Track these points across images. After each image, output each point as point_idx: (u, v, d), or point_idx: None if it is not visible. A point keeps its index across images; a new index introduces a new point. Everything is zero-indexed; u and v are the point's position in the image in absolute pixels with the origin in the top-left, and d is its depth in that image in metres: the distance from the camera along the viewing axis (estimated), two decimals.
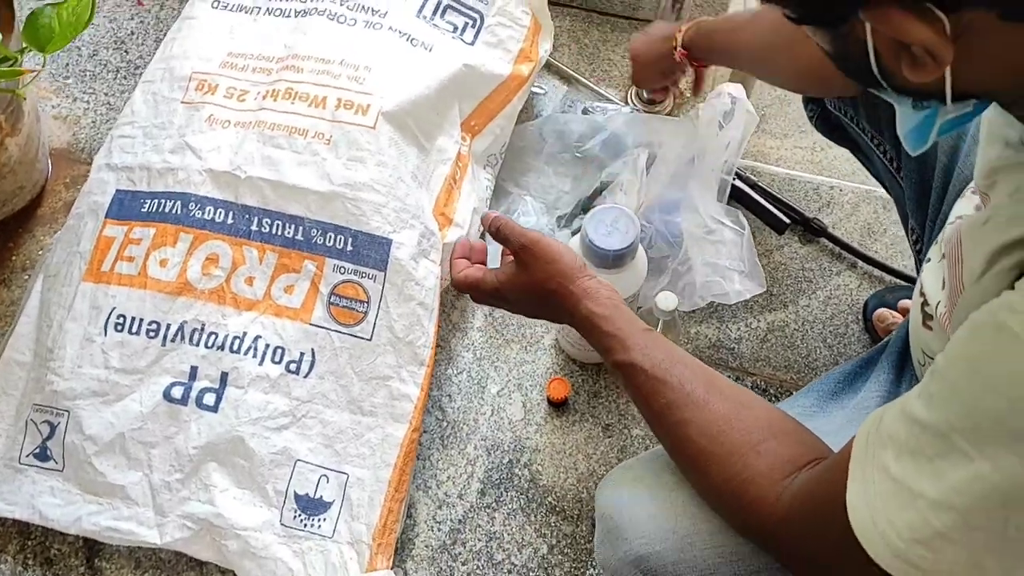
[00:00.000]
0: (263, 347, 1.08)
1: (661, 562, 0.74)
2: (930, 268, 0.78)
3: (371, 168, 1.12)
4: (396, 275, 1.10)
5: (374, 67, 1.19)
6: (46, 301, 1.15)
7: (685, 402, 0.73)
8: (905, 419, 0.57)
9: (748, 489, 0.68)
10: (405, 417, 1.09)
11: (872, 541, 0.57)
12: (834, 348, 1.34)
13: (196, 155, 1.15)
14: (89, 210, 1.17)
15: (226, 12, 1.30)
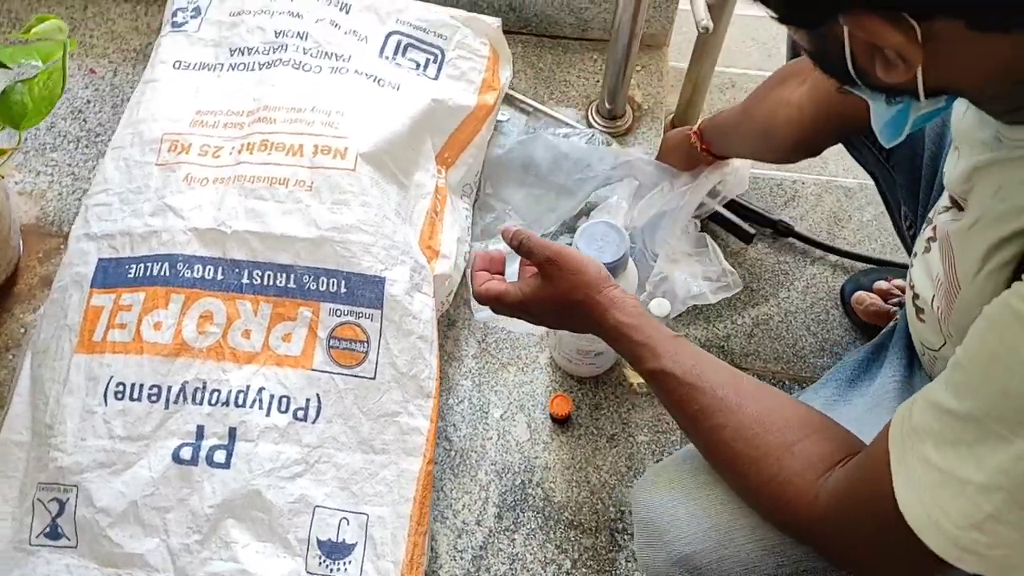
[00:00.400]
0: (268, 398, 1.08)
1: (705, 560, 0.76)
2: (917, 263, 0.81)
3: (356, 209, 1.13)
4: (393, 312, 1.11)
5: (346, 111, 1.20)
6: (38, 378, 1.13)
7: (719, 407, 0.76)
8: (936, 411, 0.59)
9: (786, 490, 0.71)
10: (418, 450, 1.10)
11: (929, 533, 0.59)
12: (818, 335, 1.38)
13: (178, 215, 1.15)
14: (72, 282, 1.16)
15: (189, 71, 1.30)
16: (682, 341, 0.82)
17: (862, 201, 1.53)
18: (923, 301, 0.80)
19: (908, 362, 0.91)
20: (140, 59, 1.61)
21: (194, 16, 1.36)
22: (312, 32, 1.30)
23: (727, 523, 0.77)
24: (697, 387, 0.77)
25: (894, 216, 1.13)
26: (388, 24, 1.35)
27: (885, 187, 1.12)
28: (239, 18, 1.33)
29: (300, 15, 1.32)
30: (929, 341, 0.82)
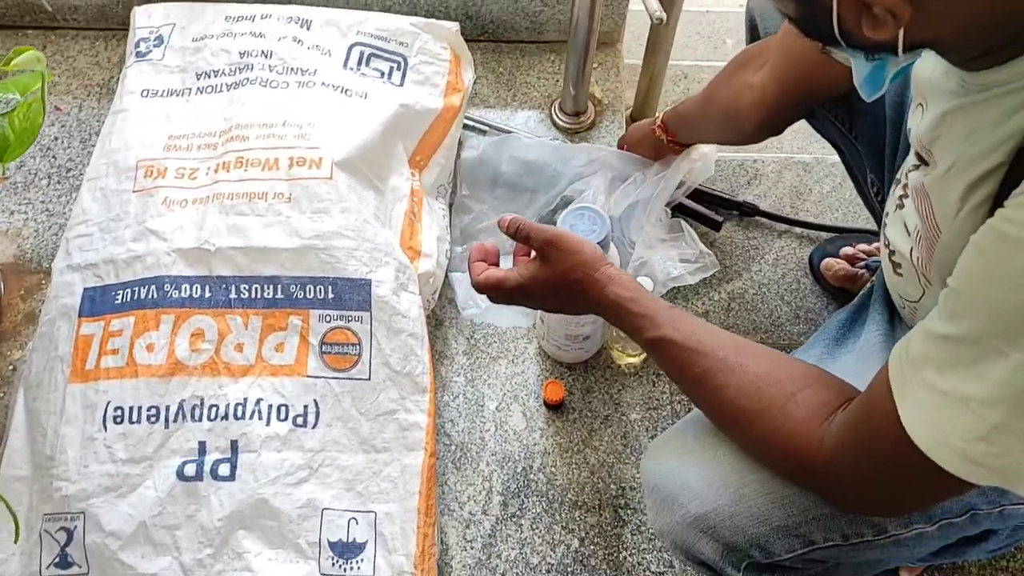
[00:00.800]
0: (266, 408, 1.10)
1: (719, 518, 0.79)
2: (891, 221, 0.84)
3: (336, 216, 1.16)
4: (381, 312, 1.13)
5: (317, 122, 1.23)
6: (33, 411, 1.14)
7: (720, 367, 0.78)
8: (934, 340, 0.62)
9: (792, 439, 0.73)
10: (419, 445, 1.12)
11: (939, 451, 0.61)
12: (792, 304, 1.43)
13: (160, 238, 1.16)
14: (60, 314, 1.17)
15: (157, 99, 1.32)
16: (679, 310, 0.85)
17: (820, 175, 1.59)
18: (900, 256, 0.82)
19: (889, 317, 0.95)
20: (104, 93, 1.63)
21: (157, 45, 1.38)
22: (276, 50, 1.32)
23: (737, 480, 0.79)
24: (698, 351, 0.79)
25: (860, 185, 1.17)
26: (350, 36, 1.37)
27: (850, 157, 1.15)
28: (202, 43, 1.35)
29: (263, 35, 1.35)
30: (908, 294, 0.84)
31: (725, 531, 0.79)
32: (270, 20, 1.37)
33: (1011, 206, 0.57)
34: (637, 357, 1.34)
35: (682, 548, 0.84)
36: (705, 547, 0.81)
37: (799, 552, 0.79)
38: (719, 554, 0.80)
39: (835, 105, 1.10)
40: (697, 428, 0.85)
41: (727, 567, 0.81)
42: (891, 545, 0.80)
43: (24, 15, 1.70)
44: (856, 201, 1.54)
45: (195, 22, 1.39)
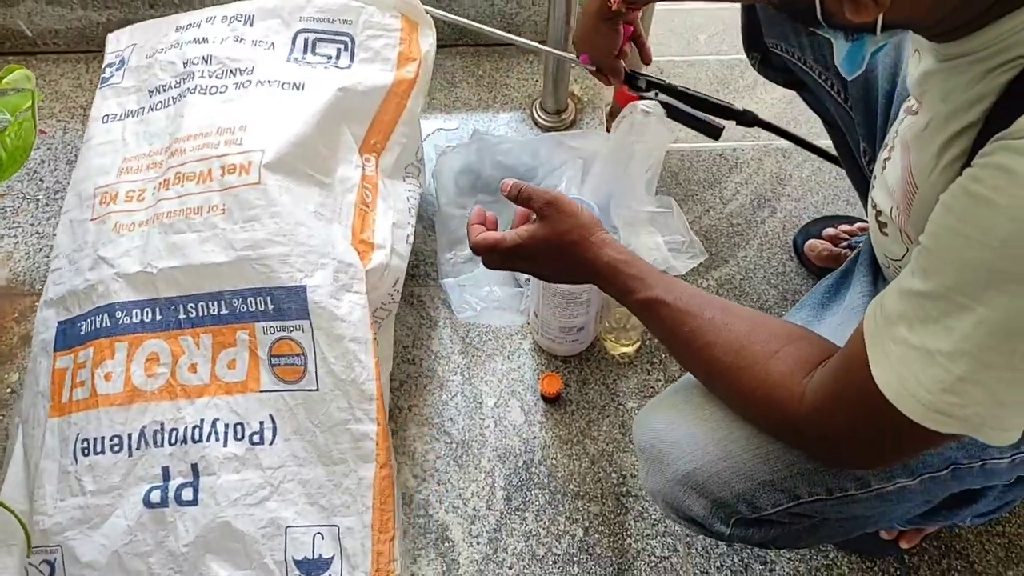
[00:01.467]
0: (223, 428, 1.08)
1: (707, 473, 0.81)
2: (877, 183, 0.86)
3: (267, 223, 1.11)
4: (320, 319, 1.09)
5: (249, 124, 1.18)
6: (25, 446, 1.17)
7: (708, 327, 0.81)
8: (905, 296, 0.64)
9: (774, 392, 0.75)
10: (370, 456, 1.08)
11: (906, 402, 0.64)
12: (779, 287, 1.42)
13: (109, 265, 1.16)
14: (40, 350, 1.19)
15: (115, 123, 1.30)
16: (669, 275, 0.88)
17: (799, 160, 1.58)
18: (885, 216, 0.84)
19: (873, 280, 0.97)
20: (87, 115, 1.63)
21: (118, 68, 1.36)
22: (215, 53, 1.27)
23: (723, 438, 0.82)
24: (687, 311, 0.82)
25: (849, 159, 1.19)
26: (293, 25, 1.30)
27: (844, 126, 1.15)
28: (153, 58, 1.32)
29: (205, 39, 1.30)
30: (892, 252, 0.86)
31: (713, 487, 0.81)
32: (214, 23, 1.32)
33: (978, 165, 0.60)
34: (631, 347, 1.32)
35: (672, 506, 0.86)
36: (694, 504, 0.83)
37: (785, 506, 0.81)
38: (708, 510, 0.83)
39: (830, 75, 1.11)
40: (686, 391, 0.88)
41: (716, 523, 0.83)
42: (875, 499, 0.82)
43: (4, 41, 1.74)
44: (835, 184, 1.57)
45: (152, 38, 1.36)
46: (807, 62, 1.13)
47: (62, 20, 1.69)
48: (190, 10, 1.57)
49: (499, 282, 1.39)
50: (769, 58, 1.20)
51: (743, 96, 1.70)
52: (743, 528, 0.84)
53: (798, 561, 1.18)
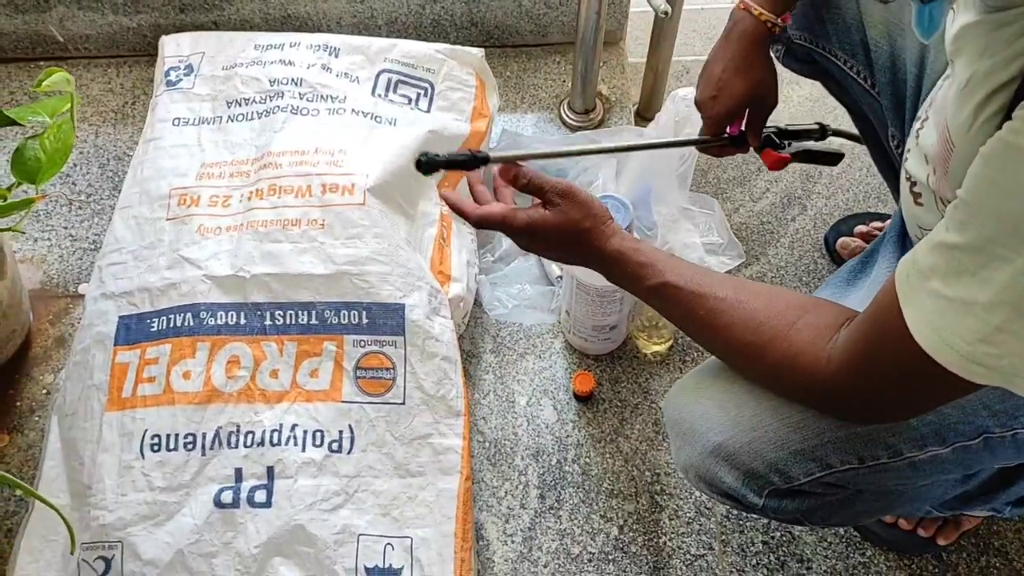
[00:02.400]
0: (302, 434, 1.11)
1: (737, 445, 0.82)
2: (911, 155, 0.87)
3: (370, 242, 1.17)
4: (415, 336, 1.15)
5: (348, 149, 1.24)
6: (69, 440, 1.15)
7: (723, 307, 0.81)
8: (940, 249, 0.64)
9: (799, 361, 0.75)
10: (454, 469, 1.13)
11: (942, 351, 0.63)
12: (811, 285, 1.47)
13: (196, 266, 1.18)
14: (95, 342, 1.18)
15: (189, 127, 1.33)
16: (679, 258, 0.87)
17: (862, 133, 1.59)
18: (920, 185, 0.84)
19: (900, 254, 0.97)
20: (119, 119, 1.65)
21: (187, 74, 1.40)
22: (306, 77, 1.34)
23: (752, 408, 0.82)
24: (701, 293, 0.82)
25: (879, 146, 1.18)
26: (377, 64, 1.39)
27: (871, 114, 1.15)
28: (232, 71, 1.37)
29: (292, 62, 1.37)
30: (926, 222, 0.86)
31: (744, 457, 0.82)
32: (299, 48, 1.39)
33: (1018, 118, 0.59)
34: (663, 345, 1.36)
35: (705, 479, 0.86)
36: (727, 475, 0.84)
37: (817, 475, 0.81)
38: (740, 481, 0.83)
39: (858, 63, 1.11)
40: (713, 367, 0.89)
41: (749, 494, 0.84)
42: (907, 468, 0.82)
43: (36, 47, 1.73)
44: (866, 181, 1.58)
45: (224, 51, 1.41)
46: (832, 51, 1.13)
47: (93, 25, 1.68)
48: (218, 16, 1.61)
49: (530, 280, 1.42)
50: (793, 49, 1.18)
51: None
52: (776, 499, 0.84)
53: (835, 559, 1.20)
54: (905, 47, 1.04)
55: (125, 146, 1.61)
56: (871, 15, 1.07)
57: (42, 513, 1.13)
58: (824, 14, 1.11)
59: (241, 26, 1.69)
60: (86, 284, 1.40)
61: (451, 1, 1.67)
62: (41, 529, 1.12)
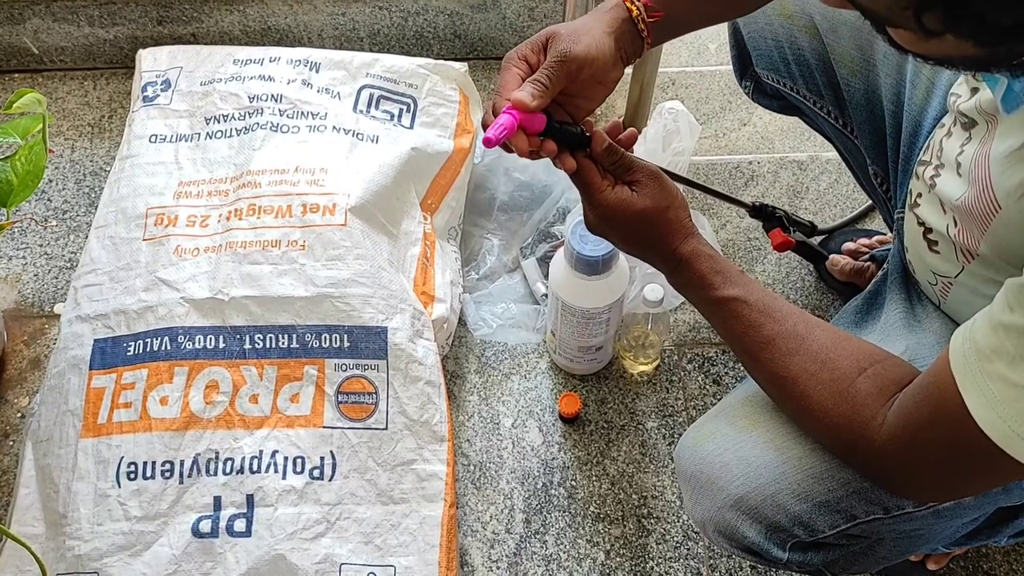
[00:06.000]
0: (282, 460, 1.09)
1: (760, 496, 0.79)
2: (924, 202, 0.85)
3: (351, 263, 1.15)
4: (398, 360, 1.13)
5: (329, 168, 1.22)
6: (44, 467, 1.12)
7: (790, 333, 0.78)
8: (1005, 331, 0.61)
9: (858, 412, 0.73)
10: (438, 496, 1.11)
11: (1015, 444, 0.61)
12: (799, 302, 1.44)
13: (173, 288, 1.15)
14: (70, 366, 1.15)
15: (166, 144, 1.31)
16: (751, 276, 0.85)
17: (816, 172, 1.61)
18: (937, 234, 0.83)
19: (907, 297, 0.95)
20: (95, 133, 1.62)
21: (164, 89, 1.37)
22: (286, 93, 1.32)
23: (774, 459, 0.80)
24: (769, 315, 0.79)
25: (859, 177, 1.17)
26: (359, 79, 1.37)
27: (847, 152, 1.15)
28: (211, 87, 1.35)
29: (271, 78, 1.34)
30: (943, 270, 0.85)
31: (767, 510, 0.79)
32: (279, 63, 1.37)
33: None
34: (649, 365, 1.34)
35: (725, 534, 0.83)
36: (748, 530, 0.80)
37: (842, 527, 0.79)
38: (763, 535, 0.80)
39: (827, 103, 1.10)
40: (729, 414, 0.86)
41: (772, 548, 0.81)
42: (930, 516, 0.80)
43: (10, 59, 1.70)
44: (853, 196, 1.56)
45: (203, 65, 1.39)
46: (800, 91, 1.13)
47: (69, 37, 1.65)
48: (196, 28, 1.58)
49: (516, 299, 1.40)
50: (763, 86, 1.18)
51: (753, 108, 1.68)
52: (801, 552, 0.82)
53: None
54: (879, 84, 1.02)
55: (102, 161, 1.58)
56: (840, 54, 1.05)
57: (15, 544, 1.09)
58: (788, 54, 1.10)
59: (220, 38, 1.66)
60: (62, 304, 1.37)
61: (434, 13, 1.65)
62: (16, 560, 1.09)
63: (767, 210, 1.12)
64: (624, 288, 1.19)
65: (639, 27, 0.85)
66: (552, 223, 1.45)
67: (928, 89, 0.96)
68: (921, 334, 0.90)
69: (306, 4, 1.62)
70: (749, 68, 1.17)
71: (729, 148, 1.64)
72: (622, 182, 0.85)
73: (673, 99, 1.71)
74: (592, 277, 1.13)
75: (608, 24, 0.84)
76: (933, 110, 0.95)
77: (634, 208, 0.83)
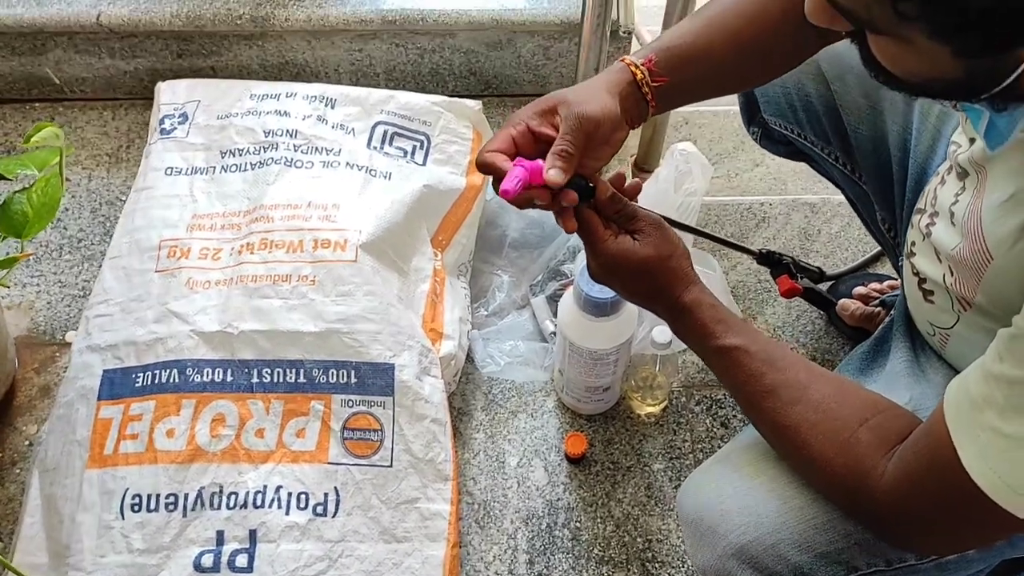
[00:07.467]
0: (286, 496, 1.08)
1: (761, 546, 0.78)
2: (919, 251, 0.85)
3: (361, 299, 1.15)
4: (404, 397, 1.13)
5: (342, 203, 1.23)
6: (50, 497, 1.12)
7: (792, 382, 0.78)
8: (997, 382, 0.61)
9: (859, 463, 0.72)
10: (441, 535, 1.10)
11: (1006, 497, 0.61)
12: (808, 346, 1.44)
13: (183, 320, 1.16)
14: (78, 396, 1.15)
15: (182, 177, 1.32)
16: (753, 326, 0.84)
17: (828, 215, 1.61)
18: (932, 283, 0.83)
19: (911, 346, 0.95)
20: (113, 163, 1.64)
21: (182, 122, 1.39)
22: (301, 129, 1.33)
23: (776, 508, 0.79)
24: (771, 364, 0.79)
25: (868, 223, 1.17)
26: (374, 115, 1.38)
27: (855, 198, 1.15)
28: (227, 120, 1.36)
29: (287, 113, 1.36)
30: (940, 321, 0.85)
31: (768, 560, 0.78)
32: (295, 99, 1.38)
33: None
34: (657, 406, 1.34)
35: None
36: None
37: None
38: None
39: (835, 149, 1.11)
40: (732, 461, 0.85)
41: None
42: (933, 569, 0.79)
43: (32, 88, 1.73)
44: (864, 240, 1.55)
45: (220, 99, 1.40)
46: (808, 137, 1.13)
47: (89, 68, 1.68)
48: (216, 61, 1.60)
49: (524, 336, 1.40)
50: (770, 132, 1.19)
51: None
52: None
53: None
54: (886, 131, 1.02)
55: (118, 191, 1.60)
56: (847, 100, 1.05)
57: None
58: (795, 101, 1.11)
59: (239, 72, 1.69)
60: (73, 332, 1.38)
61: (450, 51, 1.67)
62: None
63: (774, 257, 1.13)
64: (632, 330, 1.19)
65: (643, 90, 0.86)
66: (562, 261, 1.45)
67: (934, 137, 0.96)
68: (925, 384, 0.90)
69: (324, 40, 1.64)
70: (757, 114, 1.18)
71: (741, 189, 1.64)
72: (625, 231, 0.86)
73: (686, 139, 1.73)
74: (600, 319, 1.13)
75: (614, 86, 0.85)
76: (938, 158, 0.95)
77: (636, 257, 0.84)
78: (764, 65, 0.93)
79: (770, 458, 0.84)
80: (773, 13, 0.86)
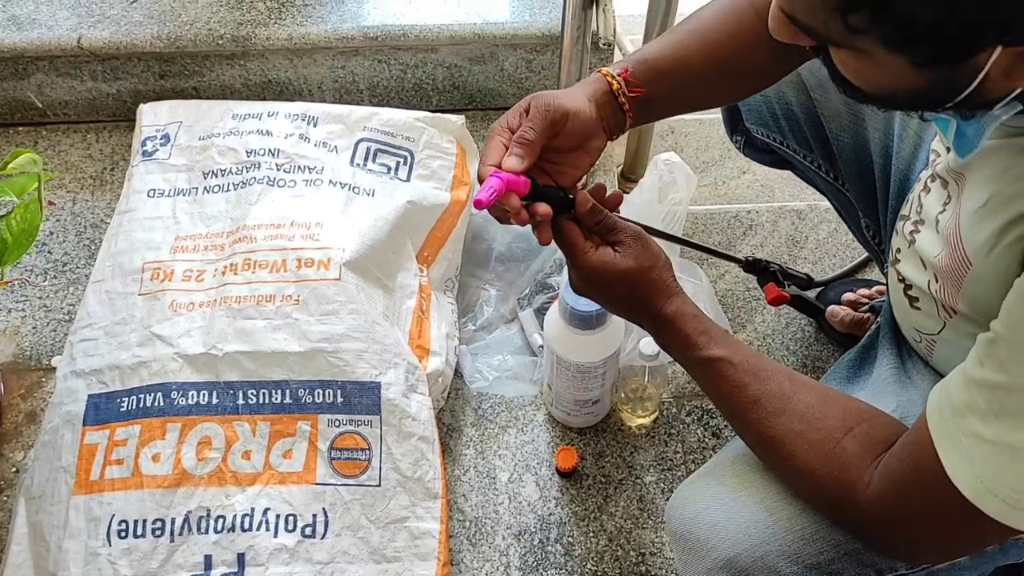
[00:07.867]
0: (274, 518, 1.07)
1: (750, 558, 0.77)
2: (904, 258, 0.85)
3: (345, 318, 1.15)
4: (391, 416, 1.12)
5: (325, 222, 1.23)
6: (36, 524, 1.11)
7: (776, 393, 0.77)
8: (977, 387, 0.61)
9: (844, 472, 0.72)
10: (431, 554, 1.09)
11: (988, 502, 0.61)
12: (798, 353, 1.44)
13: (167, 343, 1.15)
14: (64, 422, 1.14)
15: (164, 199, 1.32)
16: (735, 338, 0.85)
17: (815, 221, 1.61)
18: (917, 290, 0.83)
19: (898, 353, 0.95)
20: (97, 185, 1.64)
21: (163, 144, 1.38)
22: (283, 148, 1.32)
23: (765, 520, 0.78)
24: (754, 375, 0.79)
25: (853, 228, 1.17)
26: (356, 133, 1.37)
27: (839, 205, 1.15)
28: (209, 141, 1.35)
29: (269, 132, 1.35)
30: (926, 327, 0.85)
31: (757, 572, 0.78)
32: (277, 118, 1.38)
33: None
34: (648, 418, 1.33)
35: None
36: None
37: None
38: None
39: (817, 157, 1.11)
40: (719, 473, 0.85)
41: None
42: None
43: (14, 112, 1.73)
44: (852, 246, 1.56)
45: (202, 120, 1.40)
46: (790, 145, 1.14)
47: (72, 91, 1.68)
48: (198, 82, 1.60)
49: (512, 350, 1.39)
50: (753, 140, 1.19)
51: None
52: None
53: None
54: (867, 138, 1.02)
55: (103, 213, 1.59)
56: (828, 108, 1.06)
57: None
58: (777, 109, 1.11)
59: (221, 92, 1.69)
60: (59, 357, 1.36)
61: (432, 66, 1.67)
62: None
63: (760, 264, 1.13)
64: (619, 342, 1.18)
65: (620, 100, 0.86)
66: (550, 274, 1.45)
67: (915, 143, 0.96)
68: (912, 390, 0.90)
69: (306, 58, 1.64)
70: (739, 123, 1.18)
71: (728, 197, 1.64)
72: (605, 243, 0.85)
73: (672, 148, 1.73)
74: (586, 332, 1.12)
75: (591, 94, 0.85)
76: (920, 164, 0.95)
77: (617, 269, 0.84)
78: (741, 80, 0.94)
79: (757, 469, 0.83)
80: (753, 29, 0.86)
